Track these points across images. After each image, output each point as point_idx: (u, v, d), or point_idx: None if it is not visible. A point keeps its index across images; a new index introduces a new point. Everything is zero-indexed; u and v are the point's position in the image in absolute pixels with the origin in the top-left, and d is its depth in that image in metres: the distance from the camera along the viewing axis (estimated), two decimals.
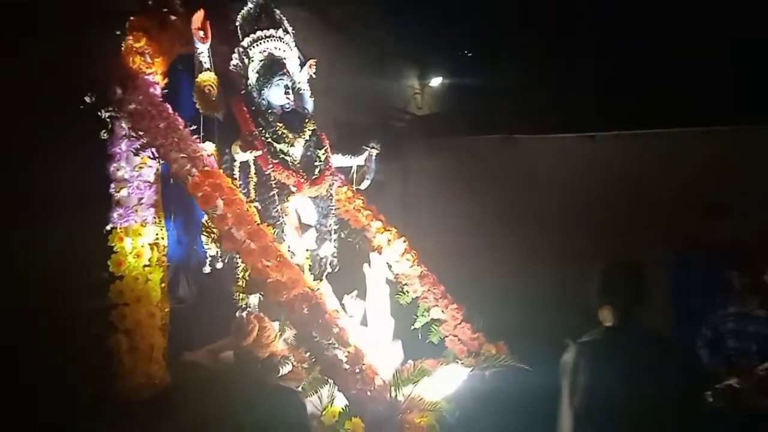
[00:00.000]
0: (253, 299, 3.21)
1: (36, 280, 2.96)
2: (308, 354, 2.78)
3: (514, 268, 5.85)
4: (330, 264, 3.63)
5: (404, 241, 3.99)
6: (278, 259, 2.86)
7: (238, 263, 3.10)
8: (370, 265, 3.62)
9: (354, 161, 3.86)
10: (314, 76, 3.81)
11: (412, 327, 3.82)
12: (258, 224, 2.95)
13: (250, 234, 2.88)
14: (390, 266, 3.83)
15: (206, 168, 2.98)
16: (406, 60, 8.07)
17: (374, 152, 3.84)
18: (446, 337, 3.80)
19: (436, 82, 8.32)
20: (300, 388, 2.83)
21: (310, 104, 3.77)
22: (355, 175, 3.89)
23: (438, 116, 8.31)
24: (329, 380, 2.76)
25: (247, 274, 3.07)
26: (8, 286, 2.94)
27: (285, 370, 3.05)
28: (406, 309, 3.90)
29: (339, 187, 3.96)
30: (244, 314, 3.09)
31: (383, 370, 3.20)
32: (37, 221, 3.01)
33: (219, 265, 3.14)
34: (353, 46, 6.50)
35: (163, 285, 3.31)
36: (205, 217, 3.04)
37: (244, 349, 3.04)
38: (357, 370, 2.69)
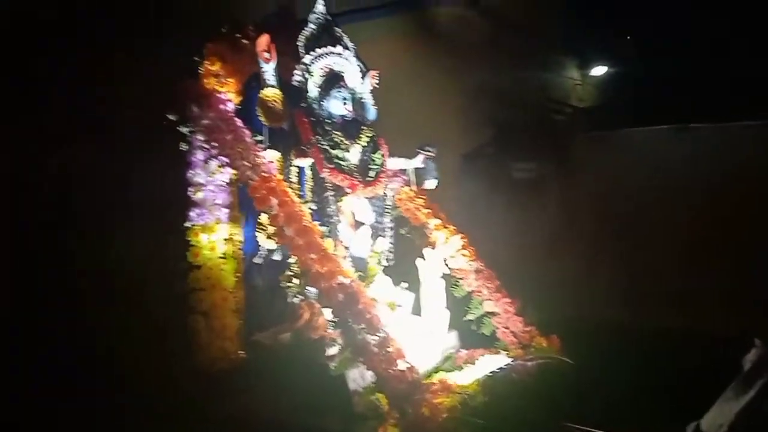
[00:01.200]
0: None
1: (131, 268, 3.57)
2: (342, 336, 3.17)
3: (693, 265, 5.41)
4: (386, 259, 3.98)
5: (462, 238, 4.25)
6: (321, 253, 3.26)
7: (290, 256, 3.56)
8: (424, 259, 3.93)
9: (410, 164, 4.14)
10: (377, 86, 4.13)
11: (464, 318, 4.08)
12: (306, 223, 3.37)
13: (297, 231, 3.30)
14: (446, 261, 4.11)
15: (264, 174, 3.44)
16: (565, 50, 7.50)
17: (429, 155, 4.12)
18: (498, 329, 4.05)
19: (598, 71, 7.65)
20: (332, 366, 3.21)
21: (372, 112, 4.05)
22: (411, 177, 4.19)
23: (602, 107, 7.53)
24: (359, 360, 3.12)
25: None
26: (110, 272, 3.59)
27: (332, 351, 3.43)
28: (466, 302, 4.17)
29: (401, 187, 4.31)
30: (296, 300, 3.52)
31: (430, 357, 3.55)
32: (131, 220, 3.62)
33: (277, 257, 3.62)
34: (508, 37, 6.32)
35: (238, 274, 3.82)
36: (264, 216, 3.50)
37: (297, 332, 3.47)
38: (383, 353, 3.03)
